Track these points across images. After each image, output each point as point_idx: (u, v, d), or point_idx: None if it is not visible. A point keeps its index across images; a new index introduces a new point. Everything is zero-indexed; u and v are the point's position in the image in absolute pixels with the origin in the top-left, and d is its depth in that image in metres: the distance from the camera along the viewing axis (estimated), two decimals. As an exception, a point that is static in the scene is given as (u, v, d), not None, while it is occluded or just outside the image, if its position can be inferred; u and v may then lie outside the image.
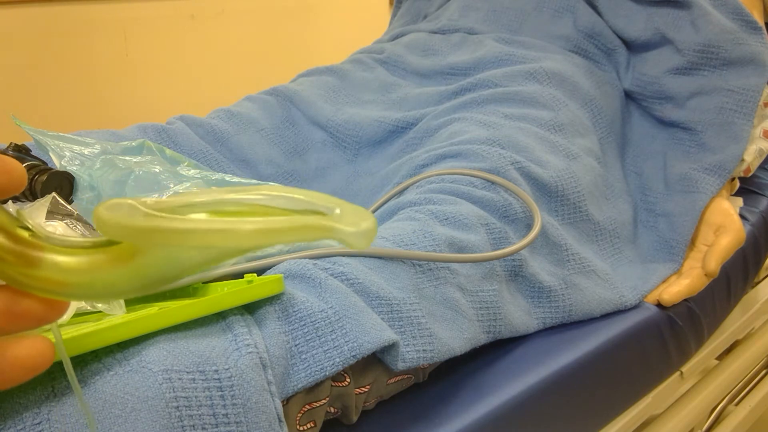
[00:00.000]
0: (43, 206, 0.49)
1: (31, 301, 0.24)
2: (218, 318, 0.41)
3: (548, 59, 0.82)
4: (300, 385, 0.42)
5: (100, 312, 0.43)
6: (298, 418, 0.44)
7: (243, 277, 0.44)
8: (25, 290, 0.24)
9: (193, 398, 0.36)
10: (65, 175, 0.59)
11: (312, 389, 0.44)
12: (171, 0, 1.91)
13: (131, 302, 0.46)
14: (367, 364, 0.48)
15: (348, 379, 0.47)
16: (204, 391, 0.36)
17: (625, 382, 0.67)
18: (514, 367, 0.57)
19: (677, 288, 0.68)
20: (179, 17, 1.94)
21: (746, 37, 0.78)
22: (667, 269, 0.71)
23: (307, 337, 0.43)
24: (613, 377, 0.64)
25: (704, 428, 0.89)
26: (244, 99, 0.90)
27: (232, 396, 0.37)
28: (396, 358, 0.46)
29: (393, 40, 1.01)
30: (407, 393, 0.54)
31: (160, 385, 0.35)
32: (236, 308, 0.42)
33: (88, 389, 0.34)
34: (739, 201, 0.82)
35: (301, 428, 0.44)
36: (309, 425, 0.45)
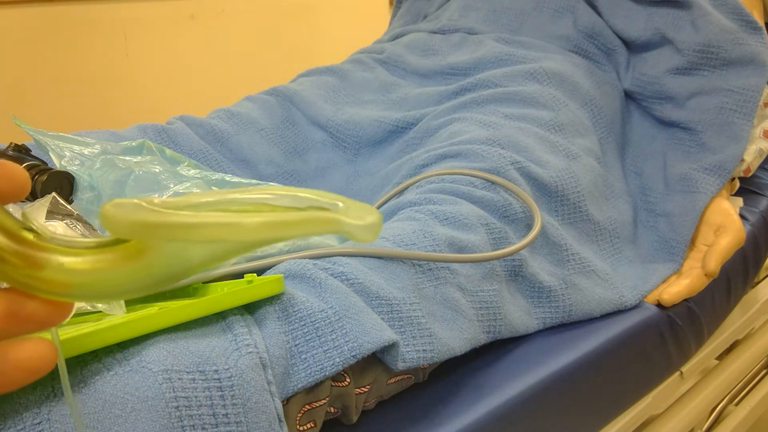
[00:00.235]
0: (43, 206, 0.49)
1: (35, 304, 0.24)
2: (218, 318, 0.41)
3: (548, 59, 0.82)
4: (300, 385, 0.42)
5: (100, 312, 0.43)
6: (298, 418, 0.44)
7: (243, 277, 0.44)
8: (29, 292, 0.24)
9: (193, 398, 0.36)
10: (65, 175, 0.59)
11: (312, 389, 0.44)
12: (171, 0, 1.91)
13: (131, 302, 0.46)
14: (367, 364, 0.48)
15: (348, 379, 0.47)
16: (204, 391, 0.36)
17: (625, 382, 0.67)
18: (514, 366, 0.57)
19: (677, 288, 0.68)
20: (179, 17, 1.94)
21: (746, 37, 0.78)
22: (667, 269, 0.71)
23: (307, 337, 0.43)
24: (613, 377, 0.64)
25: (704, 428, 0.89)
26: (244, 99, 0.90)
27: (232, 396, 0.37)
28: (396, 358, 0.46)
29: (393, 40, 1.01)
30: (407, 393, 0.54)
31: (160, 385, 0.35)
32: (236, 308, 0.42)
33: (88, 389, 0.34)
34: (739, 201, 0.82)
35: (301, 428, 0.44)
36: (309, 425, 0.45)
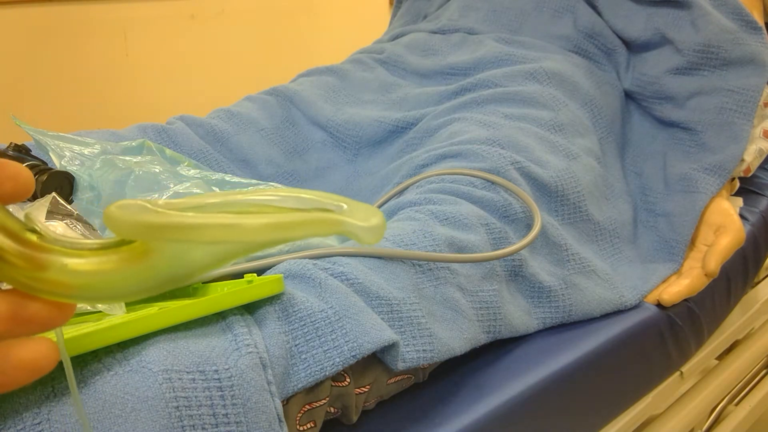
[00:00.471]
0: (43, 206, 0.49)
1: (38, 305, 0.24)
2: (218, 318, 0.41)
3: (548, 59, 0.82)
4: (300, 385, 0.42)
5: (100, 312, 0.43)
6: (298, 418, 0.44)
7: (243, 277, 0.44)
8: (32, 294, 0.24)
9: (193, 398, 0.36)
10: (65, 175, 0.59)
11: (312, 389, 0.44)
12: (171, 0, 1.91)
13: (131, 302, 0.46)
14: (367, 364, 0.48)
15: (348, 379, 0.47)
16: (204, 391, 0.36)
17: (625, 382, 0.67)
18: (514, 366, 0.57)
19: (677, 288, 0.68)
20: (179, 17, 1.94)
21: (746, 37, 0.78)
22: (667, 269, 0.71)
23: (307, 337, 0.43)
24: (613, 377, 0.64)
25: (704, 428, 0.89)
26: (244, 99, 0.90)
27: (232, 396, 0.37)
28: (396, 358, 0.46)
29: (393, 40, 1.01)
30: (407, 393, 0.54)
31: (160, 385, 0.35)
32: (236, 308, 0.42)
33: (88, 389, 0.34)
34: (739, 201, 0.82)
35: (301, 428, 0.44)
36: (309, 425, 0.45)
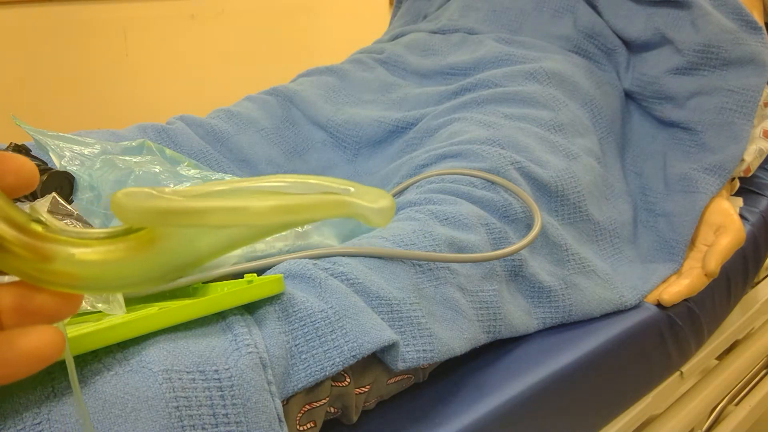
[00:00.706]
0: (43, 206, 0.49)
1: (44, 297, 0.24)
2: (218, 318, 0.41)
3: (548, 59, 0.82)
4: (300, 385, 0.42)
5: (100, 312, 0.43)
6: (298, 418, 0.44)
7: (243, 277, 0.44)
8: (39, 285, 0.24)
9: (193, 398, 0.36)
10: (65, 175, 0.59)
11: (312, 389, 0.44)
12: (171, 0, 1.91)
13: (131, 302, 0.46)
14: (367, 364, 0.48)
15: (348, 379, 0.47)
16: (204, 391, 0.36)
17: (625, 382, 0.67)
18: (515, 366, 0.57)
19: (677, 288, 0.68)
20: (179, 17, 1.93)
21: (746, 37, 0.78)
22: (667, 269, 0.71)
23: (307, 337, 0.43)
24: (613, 377, 0.64)
25: (704, 428, 0.89)
26: (244, 99, 0.90)
27: (232, 396, 0.37)
28: (396, 358, 0.46)
29: (393, 40, 1.01)
30: (407, 393, 0.54)
31: (160, 385, 0.35)
32: (236, 308, 0.42)
33: (88, 389, 0.34)
34: (739, 201, 0.82)
35: (301, 428, 0.44)
36: (309, 425, 0.45)
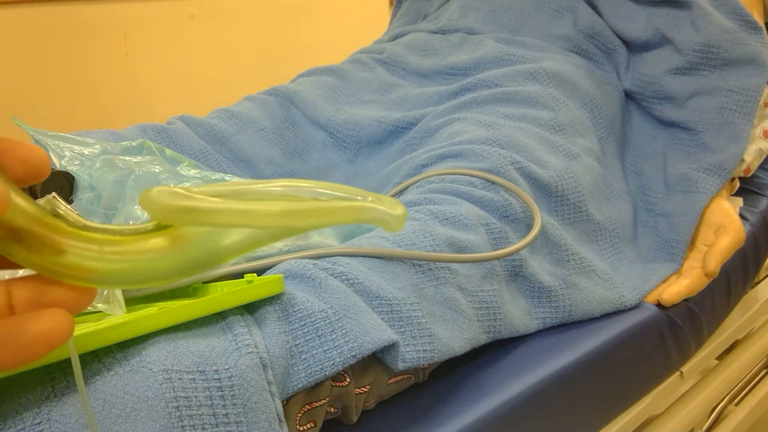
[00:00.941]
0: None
1: (59, 290, 0.24)
2: (218, 318, 0.41)
3: (548, 59, 0.82)
4: (300, 385, 0.42)
5: (100, 312, 0.43)
6: (298, 418, 0.44)
7: (243, 277, 0.44)
8: (53, 278, 0.24)
9: (193, 398, 0.36)
10: (65, 175, 0.58)
11: (312, 389, 0.44)
12: (171, 0, 1.91)
13: (131, 302, 0.46)
14: (367, 364, 0.48)
15: (348, 379, 0.47)
16: (204, 391, 0.36)
17: (625, 382, 0.67)
18: (514, 366, 0.57)
19: (677, 288, 0.68)
20: (179, 17, 1.93)
21: (746, 37, 0.78)
22: (667, 269, 0.71)
23: (307, 337, 0.43)
24: (613, 377, 0.64)
25: (704, 428, 0.89)
26: (244, 99, 0.90)
27: (232, 396, 0.37)
28: (396, 358, 0.46)
29: (393, 40, 1.01)
30: (407, 393, 0.54)
31: (160, 385, 0.35)
32: (236, 308, 0.42)
33: (88, 389, 0.34)
34: (739, 201, 0.82)
35: (301, 428, 0.44)
36: (309, 425, 0.45)
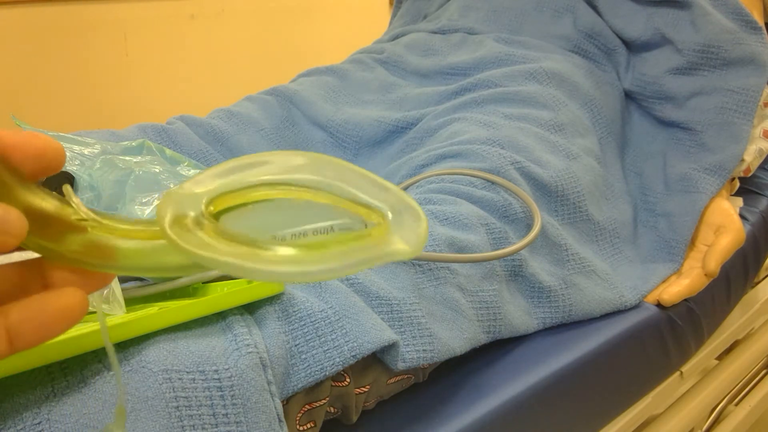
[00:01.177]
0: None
1: (67, 273, 0.25)
2: (218, 318, 0.41)
3: (548, 59, 0.82)
4: (300, 385, 0.42)
5: (100, 312, 0.43)
6: (298, 418, 0.44)
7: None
8: (70, 265, 0.25)
9: (193, 398, 0.36)
10: (65, 175, 0.58)
11: (312, 389, 0.44)
12: (171, 0, 1.91)
13: (131, 302, 0.46)
14: (367, 364, 0.48)
15: (348, 379, 0.47)
16: (204, 391, 0.36)
17: (625, 382, 0.67)
18: (514, 367, 0.57)
19: (677, 288, 0.68)
20: (179, 17, 1.93)
21: (746, 37, 0.78)
22: (667, 269, 0.71)
23: (307, 337, 0.43)
24: (612, 377, 0.64)
25: (704, 428, 0.89)
26: (244, 99, 0.90)
27: (232, 396, 0.37)
28: (396, 358, 0.46)
29: (393, 40, 1.01)
30: (407, 393, 0.54)
31: (160, 385, 0.35)
32: (236, 308, 0.42)
33: (88, 389, 0.34)
34: (739, 201, 0.82)
35: (301, 428, 0.44)
36: (309, 425, 0.45)
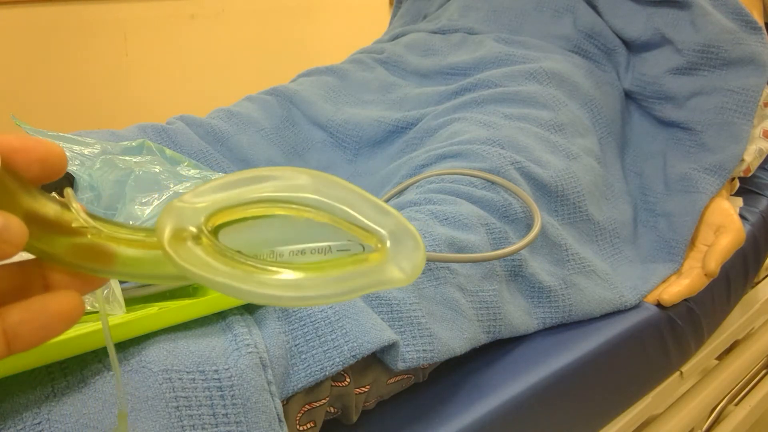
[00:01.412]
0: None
1: (63, 276, 0.26)
2: (218, 318, 0.41)
3: (548, 59, 0.82)
4: (300, 385, 0.42)
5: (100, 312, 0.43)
6: (298, 418, 0.44)
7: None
8: (68, 268, 0.25)
9: (193, 398, 0.36)
10: (65, 175, 0.58)
11: (312, 389, 0.44)
12: (171, 0, 1.91)
13: (131, 302, 0.46)
14: (367, 364, 0.48)
15: (348, 379, 0.47)
16: (204, 391, 0.36)
17: (625, 382, 0.67)
18: (514, 367, 0.57)
19: (677, 288, 0.68)
20: (179, 17, 1.93)
21: (746, 37, 0.78)
22: (667, 269, 0.71)
23: (307, 337, 0.43)
24: (612, 377, 0.64)
25: (704, 428, 0.89)
26: (244, 99, 0.90)
27: (232, 396, 0.37)
28: (396, 358, 0.46)
29: (393, 40, 1.01)
30: (407, 393, 0.54)
31: (160, 385, 0.35)
32: (236, 308, 0.42)
33: (88, 389, 0.34)
34: (739, 201, 0.82)
35: (301, 428, 0.44)
36: (309, 425, 0.45)
